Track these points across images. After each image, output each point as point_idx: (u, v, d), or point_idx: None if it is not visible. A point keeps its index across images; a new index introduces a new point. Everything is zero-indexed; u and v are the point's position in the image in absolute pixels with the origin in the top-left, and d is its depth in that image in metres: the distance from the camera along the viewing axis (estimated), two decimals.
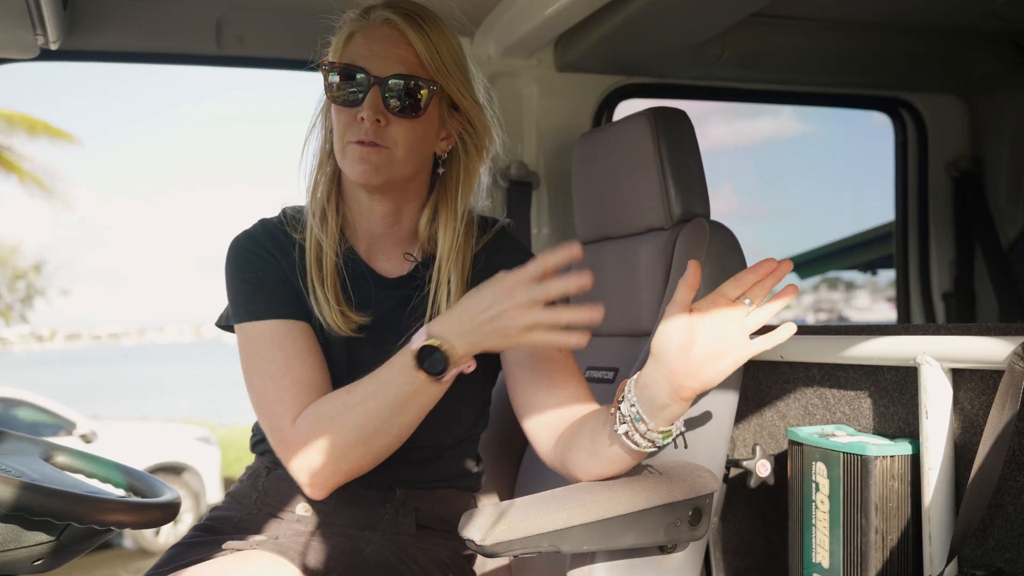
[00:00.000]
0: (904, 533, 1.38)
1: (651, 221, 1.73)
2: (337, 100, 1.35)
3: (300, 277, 1.40)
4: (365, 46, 1.35)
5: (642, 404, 1.19)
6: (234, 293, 1.40)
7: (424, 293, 1.41)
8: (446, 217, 1.42)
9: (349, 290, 1.41)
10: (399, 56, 1.34)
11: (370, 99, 1.32)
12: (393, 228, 1.44)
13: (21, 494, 1.16)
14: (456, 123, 1.43)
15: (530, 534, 1.24)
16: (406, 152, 1.35)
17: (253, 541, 1.31)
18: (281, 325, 1.36)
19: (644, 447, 1.22)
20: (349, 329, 1.38)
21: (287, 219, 1.45)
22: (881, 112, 2.88)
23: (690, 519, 1.36)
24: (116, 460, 1.56)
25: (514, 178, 2.23)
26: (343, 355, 1.39)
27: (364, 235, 1.45)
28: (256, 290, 1.38)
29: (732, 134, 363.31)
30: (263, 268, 1.39)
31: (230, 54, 2.06)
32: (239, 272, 1.40)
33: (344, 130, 1.35)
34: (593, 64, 2.27)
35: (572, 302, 1.92)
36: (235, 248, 1.42)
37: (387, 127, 1.33)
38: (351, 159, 1.34)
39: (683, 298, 1.15)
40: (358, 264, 1.44)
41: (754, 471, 1.63)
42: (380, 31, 1.35)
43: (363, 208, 1.42)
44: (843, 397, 1.58)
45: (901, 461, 1.38)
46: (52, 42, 1.80)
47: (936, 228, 2.84)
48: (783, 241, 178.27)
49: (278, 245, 1.42)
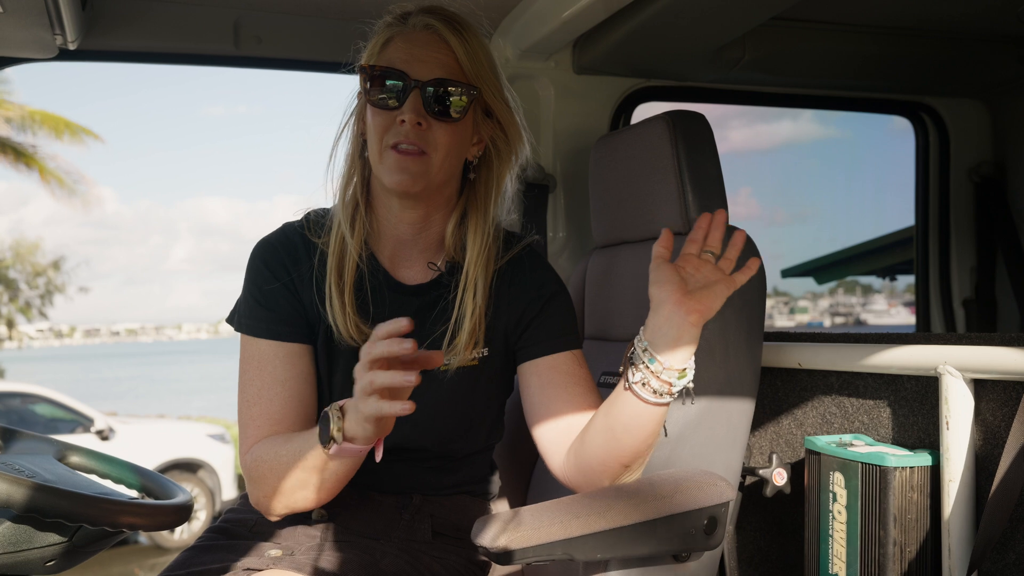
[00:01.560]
0: (923, 546, 1.36)
1: (668, 225, 1.71)
2: (376, 103, 1.34)
3: (316, 284, 1.40)
4: (405, 50, 1.34)
5: (654, 345, 1.20)
6: (241, 300, 1.43)
7: (448, 300, 1.40)
8: (476, 222, 1.42)
9: (368, 299, 1.40)
10: (440, 60, 1.34)
11: (411, 102, 1.32)
12: (420, 235, 1.43)
13: (34, 495, 1.16)
14: (489, 128, 1.42)
15: (543, 542, 1.23)
16: (444, 157, 1.35)
17: (268, 559, 1.30)
18: (270, 348, 1.38)
19: (662, 392, 1.21)
20: (361, 340, 1.37)
21: (310, 224, 1.45)
22: (902, 117, 2.85)
23: (705, 528, 1.34)
24: (130, 461, 1.56)
25: (531, 180, 2.22)
26: (350, 365, 1.38)
27: (389, 241, 1.44)
28: (258, 306, 1.40)
29: (753, 137, 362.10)
30: (270, 283, 1.40)
31: (248, 55, 2.05)
32: (248, 281, 1.42)
33: (383, 133, 1.34)
34: (611, 67, 2.25)
35: (588, 308, 1.92)
36: (252, 256, 1.44)
37: (428, 130, 1.33)
38: (389, 167, 1.33)
39: (660, 253, 1.24)
40: (379, 271, 1.43)
41: (770, 480, 1.61)
42: (420, 36, 1.35)
43: (392, 214, 1.41)
44: (862, 406, 1.56)
45: (921, 472, 1.36)
46: (71, 42, 1.80)
47: (957, 234, 2.80)
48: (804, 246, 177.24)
49: (294, 254, 1.42)
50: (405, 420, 1.39)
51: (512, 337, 1.43)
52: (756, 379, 1.58)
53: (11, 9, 1.57)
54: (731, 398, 1.53)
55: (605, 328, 1.87)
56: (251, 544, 1.36)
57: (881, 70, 2.55)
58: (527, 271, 1.45)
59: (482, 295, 1.39)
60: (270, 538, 1.38)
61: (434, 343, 1.40)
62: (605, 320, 1.86)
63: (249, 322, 1.40)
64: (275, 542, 1.37)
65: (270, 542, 1.37)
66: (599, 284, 1.89)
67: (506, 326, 1.43)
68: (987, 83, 2.69)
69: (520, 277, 1.44)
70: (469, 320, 1.38)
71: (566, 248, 2.27)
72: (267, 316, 1.39)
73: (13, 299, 22.45)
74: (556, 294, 1.45)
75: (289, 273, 1.41)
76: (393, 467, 1.42)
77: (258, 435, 1.35)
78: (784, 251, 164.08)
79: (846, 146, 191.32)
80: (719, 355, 1.52)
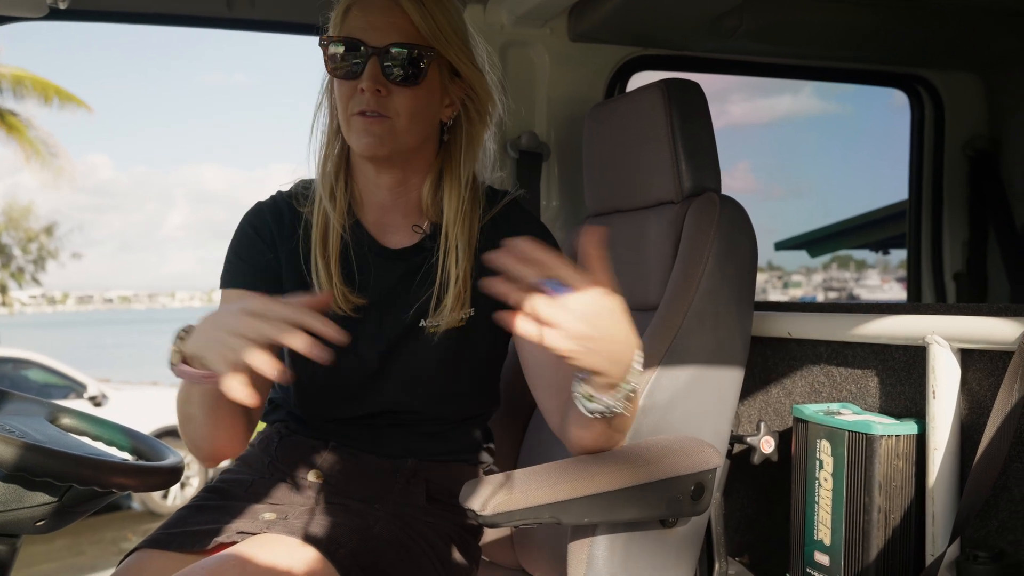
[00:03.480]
0: (907, 513, 1.37)
1: (661, 194, 1.71)
2: (337, 73, 1.35)
3: (303, 253, 1.40)
4: (362, 18, 1.34)
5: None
6: (225, 260, 1.44)
7: (432, 263, 1.41)
8: (450, 183, 1.42)
9: (353, 267, 1.41)
10: (395, 25, 1.33)
11: (369, 69, 1.32)
12: (401, 199, 1.44)
13: (23, 454, 1.17)
14: (458, 89, 1.42)
15: (531, 505, 1.24)
16: (408, 121, 1.35)
17: (262, 522, 1.31)
18: (237, 296, 1.39)
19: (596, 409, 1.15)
20: (348, 309, 1.38)
21: (297, 193, 1.46)
22: (898, 89, 2.84)
23: (692, 494, 1.36)
24: (121, 423, 1.57)
25: (524, 148, 2.21)
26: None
27: (372, 208, 1.45)
28: (238, 260, 1.42)
29: (753, 111, 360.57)
30: (254, 242, 1.42)
31: (241, 17, 2.04)
32: (234, 240, 1.44)
33: (347, 102, 1.34)
34: (607, 34, 2.24)
35: None
36: (242, 221, 1.46)
37: (388, 97, 1.33)
38: (355, 131, 1.34)
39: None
40: (364, 237, 1.44)
41: (758, 447, 1.62)
42: (376, 3, 1.35)
43: (370, 181, 1.42)
44: (850, 375, 1.57)
45: (906, 441, 1.37)
46: (60, 1, 1.78)
47: (950, 208, 2.81)
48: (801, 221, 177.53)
49: (281, 223, 1.44)
50: (395, 382, 1.41)
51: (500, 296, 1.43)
52: (746, 347, 1.59)
53: None
54: (720, 366, 1.54)
55: None
56: (245, 506, 1.37)
57: (878, 42, 2.53)
58: (512, 228, 1.44)
59: (465, 255, 1.39)
60: (264, 500, 1.39)
61: (421, 306, 1.40)
62: None
63: (226, 276, 1.42)
64: (269, 504, 1.38)
65: (264, 504, 1.38)
66: None
67: None
68: (983, 57, 2.68)
69: (505, 234, 1.43)
70: (454, 282, 1.38)
71: (560, 216, 2.27)
72: (244, 269, 1.41)
73: (5, 265, 22.35)
74: None
75: (274, 239, 1.43)
76: (387, 431, 1.43)
77: None
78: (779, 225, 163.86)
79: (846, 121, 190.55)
80: (709, 323, 1.53)
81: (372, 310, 1.41)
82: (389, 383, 1.41)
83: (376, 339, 1.39)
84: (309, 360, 1.40)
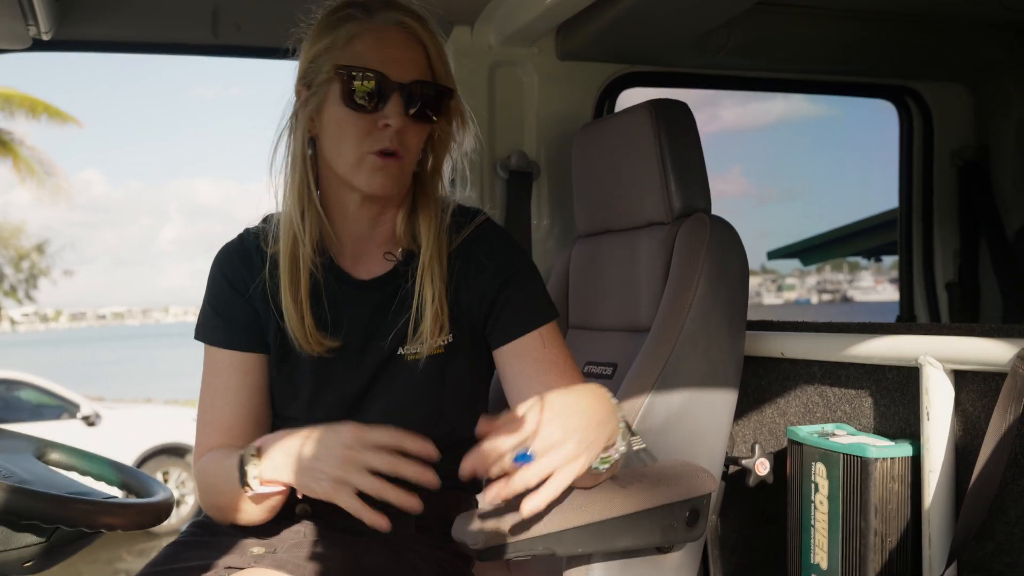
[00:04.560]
0: (903, 536, 1.36)
1: (651, 215, 1.71)
2: (357, 106, 1.30)
3: (272, 295, 1.38)
4: (380, 50, 1.30)
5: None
6: (200, 310, 1.44)
7: (407, 290, 1.39)
8: (426, 211, 1.40)
9: (325, 306, 1.38)
10: (415, 61, 1.31)
11: (394, 106, 1.29)
12: (377, 229, 1.41)
13: (8, 497, 1.15)
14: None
15: (524, 537, 1.23)
16: (414, 157, 1.35)
17: (251, 556, 1.29)
18: (225, 356, 1.40)
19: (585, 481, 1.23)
20: (321, 350, 1.37)
21: (264, 230, 1.42)
22: (886, 100, 2.84)
23: (687, 520, 1.35)
24: (110, 458, 1.55)
25: (514, 168, 2.21)
26: (310, 373, 1.38)
27: (347, 240, 1.42)
28: (215, 314, 1.42)
29: (745, 115, 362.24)
30: (227, 293, 1.41)
31: (227, 43, 2.03)
32: (208, 290, 1.44)
33: (362, 137, 1.30)
34: (595, 52, 2.23)
35: (572, 297, 1.91)
36: (212, 266, 1.45)
37: (404, 134, 1.31)
38: (368, 170, 1.31)
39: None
40: (333, 271, 1.41)
41: (753, 470, 1.61)
42: (392, 34, 1.32)
43: (348, 212, 1.39)
44: (844, 396, 1.56)
45: (901, 463, 1.36)
46: (44, 32, 1.77)
47: (940, 218, 2.81)
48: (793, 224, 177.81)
49: (250, 264, 1.41)
50: (378, 413, 1.39)
51: (477, 321, 1.42)
52: (739, 369, 1.58)
53: None
54: (714, 388, 1.53)
55: (590, 317, 1.86)
56: (234, 541, 1.35)
57: (866, 54, 2.54)
58: (485, 249, 1.42)
59: (440, 281, 1.38)
60: (252, 534, 1.37)
61: (398, 333, 1.38)
62: (590, 309, 1.86)
63: (205, 330, 1.42)
64: (258, 539, 1.36)
65: (253, 539, 1.36)
66: (583, 272, 1.89)
67: (469, 309, 1.41)
68: (971, 67, 2.68)
69: (478, 256, 1.42)
70: (430, 307, 1.36)
71: (550, 236, 2.26)
72: (223, 325, 1.40)
73: None
74: (517, 271, 1.42)
75: (245, 283, 1.41)
76: None
77: (208, 443, 1.38)
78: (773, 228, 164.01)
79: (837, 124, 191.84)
80: (702, 345, 1.52)
81: (347, 349, 1.39)
82: (372, 414, 1.39)
83: (356, 372, 1.37)
84: (292, 395, 1.40)
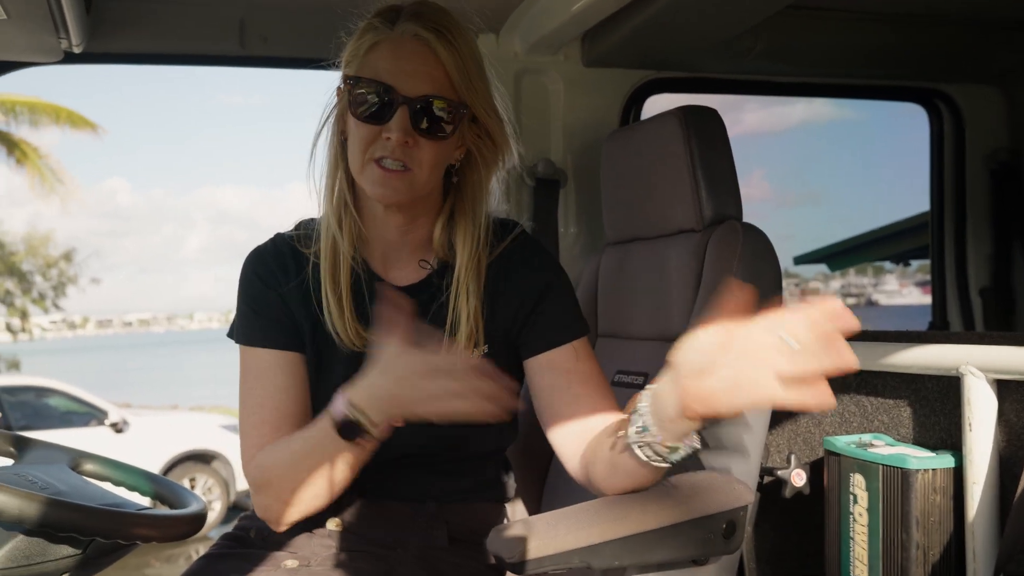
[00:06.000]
0: (947, 549, 1.34)
1: (682, 222, 1.69)
2: (361, 116, 1.30)
3: (314, 292, 1.37)
4: (392, 61, 1.30)
5: (652, 415, 1.13)
6: (237, 313, 1.42)
7: (441, 301, 1.38)
8: (464, 226, 1.39)
9: (365, 302, 1.38)
10: (429, 75, 1.30)
11: (398, 120, 1.28)
12: (408, 236, 1.41)
13: (46, 511, 1.16)
14: (472, 134, 1.38)
15: (560, 550, 1.21)
16: (429, 172, 1.32)
17: (284, 570, 1.29)
18: (268, 356, 1.37)
19: (653, 460, 1.15)
20: (361, 344, 1.35)
21: (300, 235, 1.43)
22: (916, 103, 2.81)
23: (724, 532, 1.32)
24: (143, 468, 1.56)
25: (541, 176, 2.20)
26: (348, 372, 1.37)
27: (378, 244, 1.41)
28: (254, 315, 1.39)
29: (767, 119, 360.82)
30: (264, 293, 1.39)
31: (254, 54, 2.04)
32: (242, 293, 1.41)
33: (366, 146, 1.30)
34: (621, 59, 2.22)
35: (601, 305, 1.90)
36: (244, 268, 1.43)
37: (414, 147, 1.29)
38: (370, 179, 1.31)
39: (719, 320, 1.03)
40: (370, 275, 1.41)
41: (789, 481, 1.59)
42: (408, 45, 1.30)
43: (377, 218, 1.39)
44: (881, 405, 1.54)
45: (943, 474, 1.34)
46: (76, 45, 1.78)
47: (973, 222, 2.77)
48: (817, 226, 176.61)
49: (284, 265, 1.41)
50: (410, 424, 1.38)
51: (512, 333, 1.41)
52: None
53: (15, 14, 1.56)
54: None
55: (619, 325, 1.85)
56: (266, 554, 1.35)
57: (895, 57, 2.51)
58: (521, 263, 1.41)
59: (476, 295, 1.37)
60: (285, 548, 1.37)
61: None
62: (619, 317, 1.85)
63: (246, 332, 1.39)
64: (290, 552, 1.36)
65: (285, 551, 1.36)
66: (612, 281, 1.87)
67: (504, 321, 1.40)
68: (1002, 69, 2.65)
69: (514, 270, 1.41)
70: (466, 322, 1.36)
71: (578, 244, 2.25)
72: (263, 325, 1.38)
73: (26, 291, 22.58)
74: (551, 284, 1.41)
75: (280, 283, 1.39)
76: (406, 474, 1.41)
77: (261, 443, 1.34)
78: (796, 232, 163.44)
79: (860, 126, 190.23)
80: None
81: None
82: (405, 425, 1.38)
83: None
84: (326, 396, 1.39)
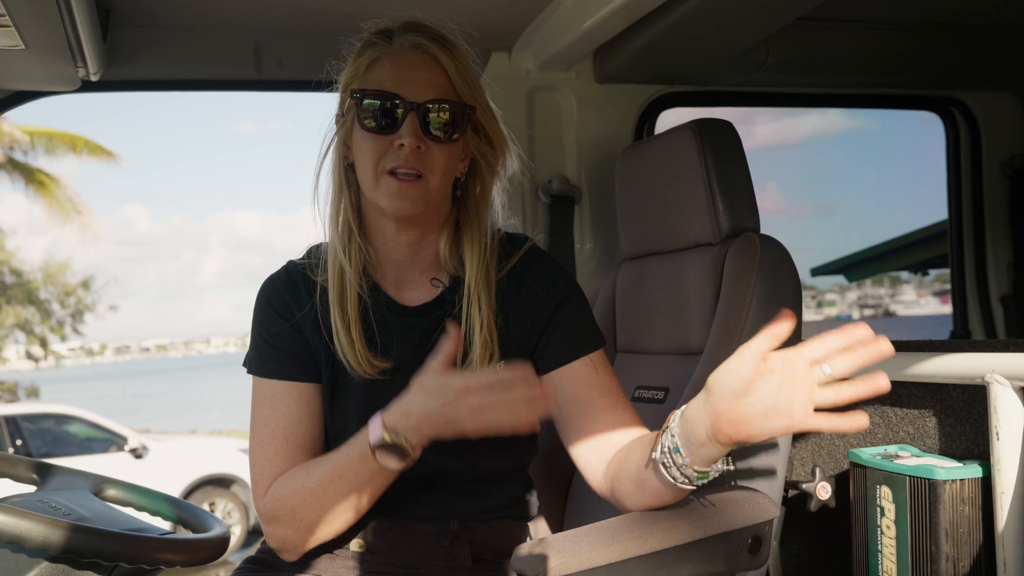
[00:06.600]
0: (976, 561, 1.32)
1: (699, 236, 1.69)
2: (371, 127, 1.32)
3: (323, 321, 1.38)
4: (396, 71, 1.32)
5: (682, 437, 1.14)
6: (252, 344, 1.43)
7: (455, 315, 1.38)
8: (471, 237, 1.40)
9: (374, 328, 1.38)
10: (432, 81, 1.32)
11: (408, 126, 1.29)
12: (418, 255, 1.41)
13: (71, 536, 1.16)
14: (475, 143, 1.40)
15: (585, 567, 1.20)
16: (440, 179, 1.33)
17: None
18: (283, 388, 1.38)
19: (680, 482, 1.17)
20: (374, 372, 1.36)
21: (310, 263, 1.43)
22: (931, 111, 2.80)
23: (750, 547, 1.31)
24: (165, 493, 1.56)
25: (556, 193, 2.20)
26: (362, 398, 1.37)
27: (390, 268, 1.42)
28: (268, 347, 1.39)
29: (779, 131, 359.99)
30: (277, 323, 1.40)
31: (269, 78, 2.05)
32: (256, 324, 1.42)
33: (378, 158, 1.31)
34: (633, 74, 2.23)
35: (619, 321, 1.89)
36: (258, 299, 1.44)
37: (425, 153, 1.31)
38: (387, 192, 1.31)
39: (760, 346, 1.05)
40: (382, 298, 1.41)
41: (814, 494, 1.57)
42: (409, 56, 1.33)
43: (388, 239, 1.39)
44: (906, 415, 1.52)
45: (971, 485, 1.32)
46: (93, 74, 1.80)
47: (992, 229, 2.75)
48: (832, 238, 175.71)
49: (297, 294, 1.41)
50: (433, 446, 1.37)
51: (528, 346, 1.41)
52: None
53: (33, 45, 1.57)
54: None
55: (638, 341, 1.84)
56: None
57: (908, 66, 2.50)
58: (533, 276, 1.42)
59: (488, 307, 1.37)
60: (308, 570, 1.37)
61: None
62: (637, 333, 1.84)
63: (260, 363, 1.39)
64: (314, 574, 1.36)
65: (309, 574, 1.36)
66: (630, 296, 1.87)
67: (519, 335, 1.40)
68: (1018, 75, 2.63)
69: (527, 283, 1.41)
70: (479, 335, 1.35)
71: (594, 259, 2.25)
72: (277, 357, 1.38)
73: (45, 319, 22.75)
74: (566, 298, 1.42)
75: (293, 313, 1.40)
76: (429, 495, 1.40)
77: (275, 474, 1.35)
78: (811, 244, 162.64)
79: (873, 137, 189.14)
80: None
81: (399, 371, 1.37)
82: (429, 445, 1.37)
83: None
84: (342, 422, 1.39)
